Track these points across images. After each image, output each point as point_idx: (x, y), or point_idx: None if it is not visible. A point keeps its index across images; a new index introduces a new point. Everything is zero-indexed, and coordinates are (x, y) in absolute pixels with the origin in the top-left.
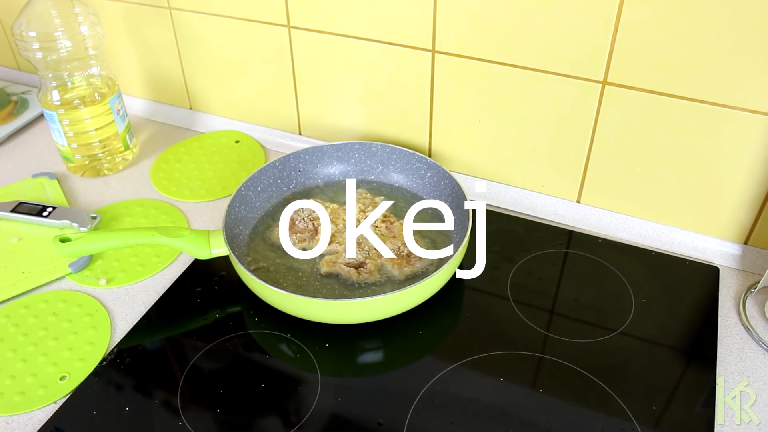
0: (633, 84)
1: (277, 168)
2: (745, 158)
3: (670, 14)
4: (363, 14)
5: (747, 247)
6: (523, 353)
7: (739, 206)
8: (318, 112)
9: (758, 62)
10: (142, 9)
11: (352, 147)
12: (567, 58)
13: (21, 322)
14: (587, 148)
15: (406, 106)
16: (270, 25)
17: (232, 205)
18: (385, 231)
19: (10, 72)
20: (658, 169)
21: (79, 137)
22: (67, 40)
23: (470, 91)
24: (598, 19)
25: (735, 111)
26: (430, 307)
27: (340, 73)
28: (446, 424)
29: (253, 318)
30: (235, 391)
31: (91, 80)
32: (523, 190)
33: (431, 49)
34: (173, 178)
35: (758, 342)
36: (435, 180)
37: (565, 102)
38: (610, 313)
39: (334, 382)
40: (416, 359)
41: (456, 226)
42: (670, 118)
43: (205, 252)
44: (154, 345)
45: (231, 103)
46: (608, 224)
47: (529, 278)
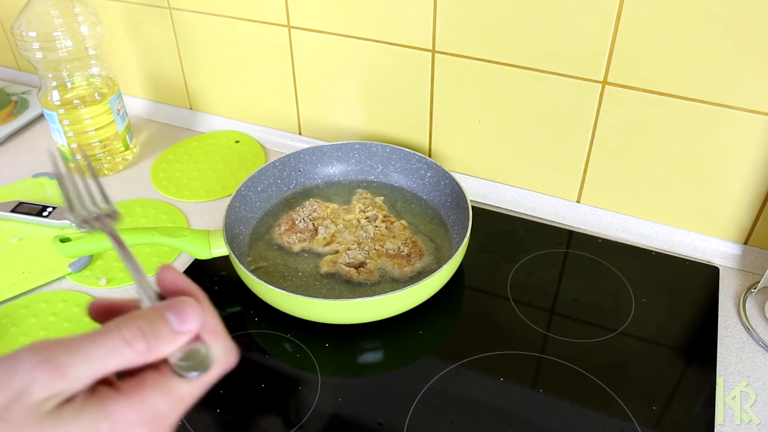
0: (633, 84)
1: (277, 168)
2: (744, 158)
3: (670, 14)
4: (363, 14)
5: (747, 247)
6: (523, 353)
7: (739, 206)
8: (318, 112)
9: (758, 62)
10: (142, 9)
11: (352, 147)
12: (567, 58)
13: (21, 322)
14: (587, 148)
15: (406, 106)
16: (270, 25)
17: (232, 205)
18: (385, 231)
19: (10, 72)
20: (658, 169)
21: (79, 137)
22: (67, 40)
23: (470, 91)
24: (598, 19)
25: (735, 111)
26: (430, 307)
27: (340, 73)
28: (446, 424)
29: (253, 318)
30: (235, 391)
31: (91, 80)
32: (523, 190)
33: (431, 49)
34: (173, 178)
35: (758, 342)
36: (435, 180)
37: (565, 102)
38: (610, 313)
39: (334, 382)
40: (416, 359)
41: (456, 226)
42: (670, 118)
43: (205, 252)
44: None
45: (231, 103)
46: (608, 224)
47: (529, 278)
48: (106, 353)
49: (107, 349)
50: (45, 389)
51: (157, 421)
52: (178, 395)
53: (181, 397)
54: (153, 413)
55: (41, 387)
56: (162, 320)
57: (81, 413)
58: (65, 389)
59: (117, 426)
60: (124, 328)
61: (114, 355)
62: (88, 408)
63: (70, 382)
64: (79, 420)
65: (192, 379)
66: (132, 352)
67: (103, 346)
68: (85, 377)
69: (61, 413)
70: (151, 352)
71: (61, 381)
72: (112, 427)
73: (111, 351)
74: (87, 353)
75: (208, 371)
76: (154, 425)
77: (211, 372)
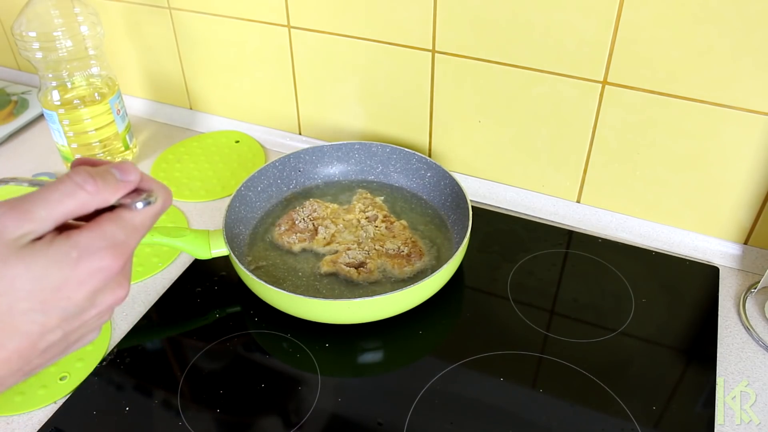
0: (633, 84)
1: (277, 168)
2: (744, 158)
3: (670, 14)
4: (363, 14)
5: (747, 247)
6: (523, 353)
7: (739, 206)
8: (318, 112)
9: (758, 62)
10: (142, 9)
11: (352, 147)
12: (567, 58)
13: None
14: (587, 148)
15: (406, 106)
16: (270, 25)
17: (232, 205)
18: (385, 231)
19: (10, 72)
20: (658, 169)
21: (79, 137)
22: (67, 40)
23: (470, 91)
24: (598, 19)
25: (735, 111)
26: (430, 307)
27: (339, 73)
28: (446, 424)
29: (253, 318)
30: (235, 391)
31: (91, 80)
32: (523, 190)
33: (431, 49)
34: (173, 178)
35: (758, 342)
36: (435, 180)
37: (565, 102)
38: (610, 313)
39: (334, 382)
40: (416, 359)
41: (456, 226)
42: (670, 118)
43: (205, 252)
44: (154, 345)
45: (231, 103)
46: (608, 224)
47: (529, 278)
48: (62, 196)
49: (62, 193)
50: (15, 230)
51: (117, 246)
52: (132, 224)
53: (134, 226)
54: (113, 240)
55: (12, 228)
56: (107, 171)
57: (52, 245)
58: (33, 229)
59: (84, 252)
60: (75, 175)
61: (68, 197)
62: (58, 241)
63: (36, 223)
64: (51, 249)
65: (140, 210)
66: (83, 192)
67: (58, 191)
68: (48, 218)
69: (34, 246)
70: (99, 193)
71: (28, 223)
72: (80, 254)
73: (65, 194)
74: (45, 198)
75: (150, 204)
76: (115, 250)
77: (155, 205)
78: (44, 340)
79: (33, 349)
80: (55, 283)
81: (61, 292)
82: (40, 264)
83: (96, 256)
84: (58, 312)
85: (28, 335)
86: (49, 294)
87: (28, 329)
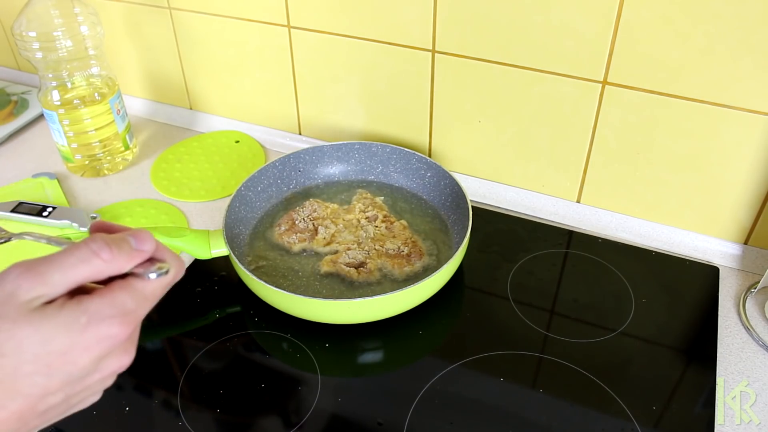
0: (633, 84)
1: (277, 168)
2: (745, 158)
3: (670, 14)
4: (363, 14)
5: (747, 247)
6: (523, 353)
7: (739, 206)
8: (318, 112)
9: (758, 62)
10: (142, 9)
11: (352, 147)
12: (567, 58)
13: None
14: (587, 148)
15: (406, 106)
16: (270, 25)
17: (232, 205)
18: (385, 231)
19: (10, 72)
20: (658, 169)
21: (79, 137)
22: (67, 40)
23: (470, 91)
24: (598, 19)
25: (735, 111)
26: (430, 307)
27: (340, 73)
28: (446, 424)
29: (253, 318)
30: (235, 391)
31: (91, 80)
32: (523, 190)
33: (431, 49)
34: (173, 178)
35: (758, 342)
36: (435, 180)
37: (565, 102)
38: (610, 313)
39: (334, 382)
40: (416, 359)
41: (456, 226)
42: (670, 118)
43: (205, 252)
44: (154, 345)
45: (231, 103)
46: (608, 224)
47: (529, 278)
48: (77, 262)
49: (77, 258)
50: (29, 292)
51: (126, 315)
52: (143, 294)
53: (145, 296)
54: (123, 308)
55: (26, 290)
56: (124, 240)
57: (62, 309)
58: (46, 292)
59: (93, 318)
60: (92, 242)
61: (84, 263)
62: (68, 306)
63: (49, 286)
64: (61, 314)
65: (151, 280)
66: (98, 260)
67: (74, 257)
68: (61, 283)
69: (45, 309)
70: (114, 262)
71: (41, 285)
72: (89, 320)
73: (81, 260)
74: (60, 262)
75: (163, 275)
76: (124, 319)
77: (167, 276)
78: (45, 403)
79: (32, 411)
80: (61, 348)
81: (67, 357)
82: (48, 328)
83: (105, 324)
84: (62, 376)
85: (29, 397)
86: (55, 358)
87: (30, 392)
